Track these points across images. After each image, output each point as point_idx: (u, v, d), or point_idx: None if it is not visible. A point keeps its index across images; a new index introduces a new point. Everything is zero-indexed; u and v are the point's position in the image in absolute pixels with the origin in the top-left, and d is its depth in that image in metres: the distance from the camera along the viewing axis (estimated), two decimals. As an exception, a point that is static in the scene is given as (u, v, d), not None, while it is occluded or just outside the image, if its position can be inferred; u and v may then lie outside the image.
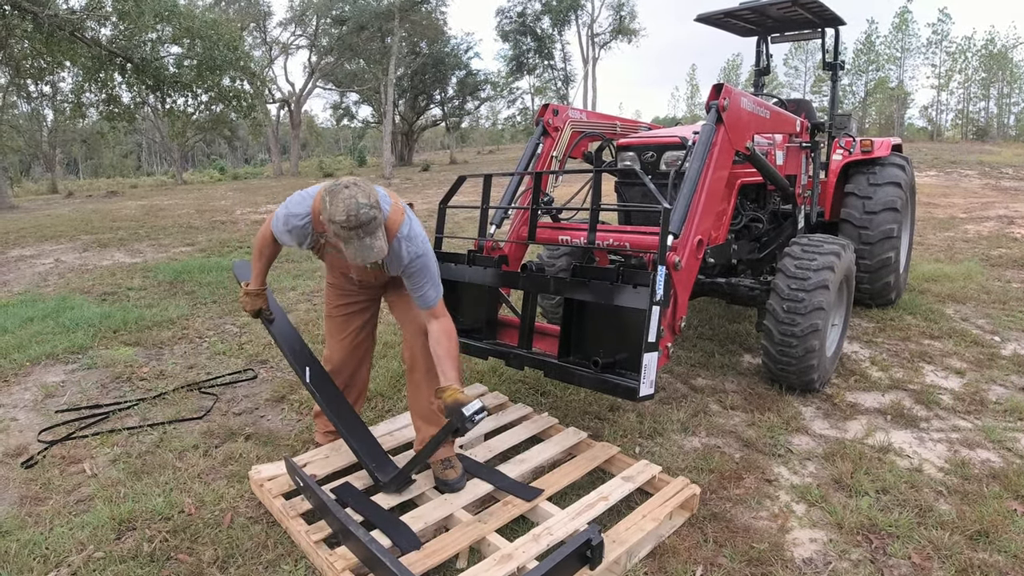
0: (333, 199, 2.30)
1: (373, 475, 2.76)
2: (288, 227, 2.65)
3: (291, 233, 2.66)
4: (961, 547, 2.46)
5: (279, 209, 2.71)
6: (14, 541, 2.57)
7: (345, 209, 2.27)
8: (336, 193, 2.31)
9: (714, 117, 3.20)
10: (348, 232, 2.30)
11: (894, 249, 5.15)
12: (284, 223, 2.66)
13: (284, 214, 2.66)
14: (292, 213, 2.64)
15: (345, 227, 2.28)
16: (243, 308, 3.13)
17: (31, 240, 11.14)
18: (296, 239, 2.69)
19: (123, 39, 14.22)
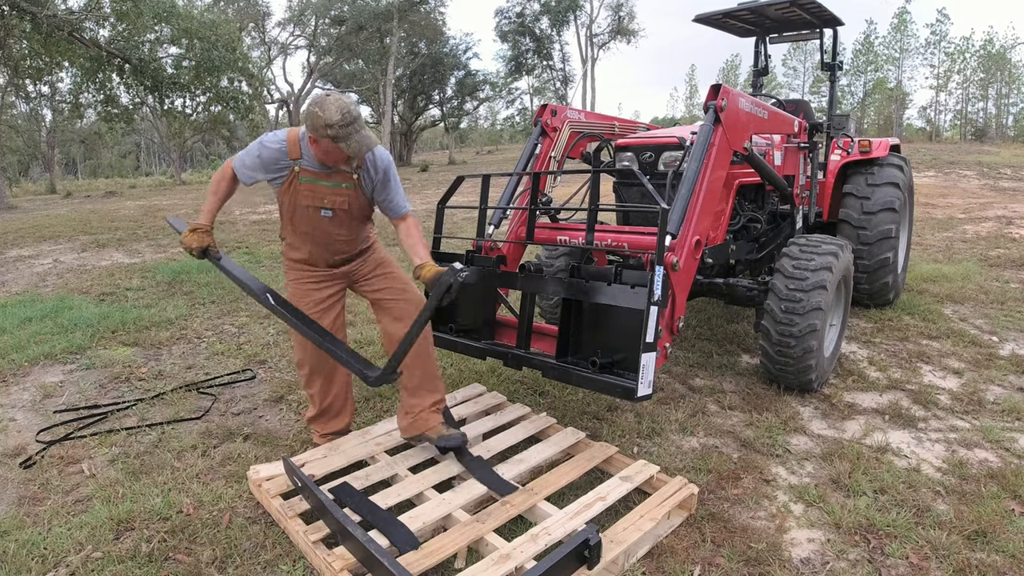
0: (323, 106, 2.57)
1: (362, 373, 2.86)
2: (259, 153, 2.80)
3: (261, 160, 2.80)
4: (959, 547, 2.46)
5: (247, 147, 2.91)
6: (12, 541, 2.57)
7: (339, 109, 2.55)
8: (323, 101, 2.59)
9: (712, 117, 3.20)
10: (346, 129, 2.56)
11: (892, 249, 5.16)
12: (256, 150, 2.81)
13: (255, 144, 2.84)
14: (265, 141, 2.81)
15: (342, 124, 2.55)
16: (188, 247, 2.95)
17: (29, 240, 11.13)
18: (265, 168, 2.82)
19: (121, 40, 14.22)
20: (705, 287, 4.32)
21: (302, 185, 2.84)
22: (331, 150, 2.67)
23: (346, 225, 3.00)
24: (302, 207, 2.89)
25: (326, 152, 2.71)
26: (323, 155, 2.74)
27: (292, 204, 2.91)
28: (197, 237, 2.95)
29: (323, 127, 2.56)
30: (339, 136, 2.57)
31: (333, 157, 2.73)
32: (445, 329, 3.58)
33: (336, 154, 2.70)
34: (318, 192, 2.86)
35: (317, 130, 2.59)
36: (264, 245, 9.83)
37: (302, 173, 2.81)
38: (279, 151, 2.79)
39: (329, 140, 2.60)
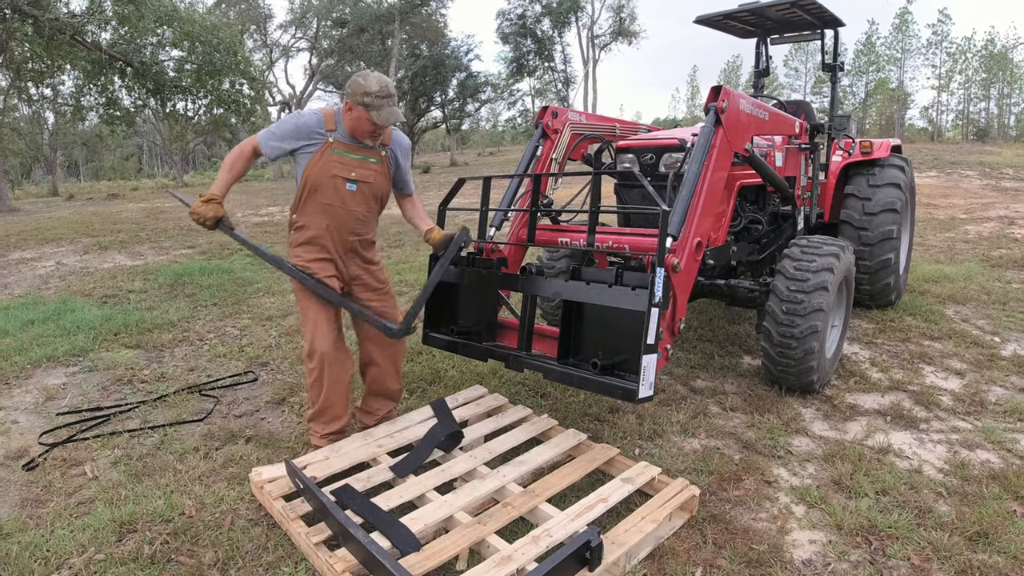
0: (365, 76, 2.89)
1: (383, 327, 3.11)
2: (297, 122, 2.96)
3: (298, 127, 2.95)
4: (960, 548, 2.46)
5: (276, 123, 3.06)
6: (15, 543, 2.57)
7: (378, 81, 2.87)
8: (366, 73, 2.91)
9: (713, 119, 3.20)
10: (381, 100, 2.86)
11: (894, 250, 5.15)
12: (293, 120, 2.98)
13: (290, 117, 3.01)
14: (302, 112, 3.00)
15: (379, 95, 2.85)
16: (202, 217, 2.99)
17: (32, 243, 11.16)
18: (299, 136, 2.97)
19: (123, 43, 14.25)
20: (706, 288, 4.32)
21: (333, 156, 2.98)
22: (361, 119, 2.91)
23: (365, 203, 3.15)
24: (329, 177, 3.00)
25: (357, 120, 2.93)
26: (354, 123, 2.95)
27: (320, 175, 2.99)
28: (212, 207, 2.98)
29: (361, 94, 2.84)
30: (372, 105, 2.85)
31: (361, 128, 2.95)
32: (446, 330, 3.58)
33: (364, 124, 2.93)
34: (347, 164, 3.02)
35: (355, 96, 2.86)
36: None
37: (335, 144, 2.98)
38: (317, 120, 2.98)
39: (363, 108, 2.87)
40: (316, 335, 3.09)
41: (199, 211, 2.97)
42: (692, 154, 3.17)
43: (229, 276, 7.66)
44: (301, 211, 3.10)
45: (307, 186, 3.02)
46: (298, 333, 5.36)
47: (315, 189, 3.02)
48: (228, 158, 3.05)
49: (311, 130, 2.97)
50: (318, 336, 3.09)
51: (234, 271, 7.94)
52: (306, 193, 3.04)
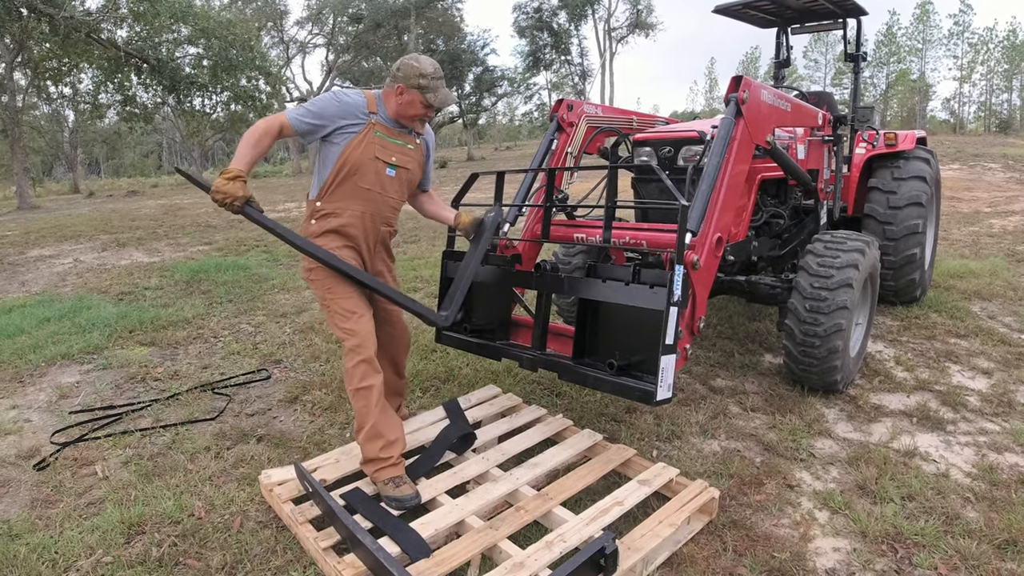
0: (418, 60, 2.83)
1: (426, 317, 2.98)
2: (339, 100, 2.81)
3: (341, 105, 2.80)
4: (989, 557, 2.36)
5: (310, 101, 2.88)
6: (23, 544, 2.55)
7: (431, 63, 2.84)
8: (416, 56, 2.88)
9: (733, 110, 3.11)
10: (436, 81, 2.82)
11: (919, 245, 5.02)
12: (334, 98, 2.82)
13: (328, 95, 2.85)
14: (341, 92, 2.86)
15: (434, 76, 2.81)
16: (229, 196, 2.56)
17: (51, 240, 11.25)
18: (343, 115, 2.80)
19: (139, 40, 14.32)
20: (726, 285, 4.22)
21: (376, 138, 2.85)
22: (415, 103, 2.84)
23: (400, 191, 3.01)
24: (371, 160, 2.84)
25: (409, 104, 2.84)
26: (405, 107, 2.85)
27: (362, 157, 2.81)
28: (239, 186, 2.58)
29: (417, 76, 2.78)
30: (428, 87, 2.80)
31: (412, 110, 2.86)
32: (460, 329, 3.52)
33: (416, 107, 2.85)
34: (388, 148, 2.89)
35: (409, 79, 2.78)
36: (282, 244, 9.76)
37: (377, 127, 2.86)
38: (360, 101, 2.86)
39: (417, 91, 2.80)
40: (360, 323, 2.79)
41: (225, 190, 2.56)
42: (712, 147, 3.07)
43: (245, 273, 7.65)
44: (330, 197, 2.84)
45: (344, 169, 2.79)
46: (312, 330, 5.33)
47: (354, 172, 2.81)
48: (252, 133, 2.69)
49: (357, 109, 2.82)
50: (363, 324, 2.80)
51: (250, 268, 7.94)
52: (341, 177, 2.81)
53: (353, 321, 2.78)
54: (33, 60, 16.10)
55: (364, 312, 2.83)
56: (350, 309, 2.79)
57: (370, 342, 2.79)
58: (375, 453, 2.71)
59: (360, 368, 2.74)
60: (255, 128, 2.70)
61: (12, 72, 19.39)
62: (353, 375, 2.76)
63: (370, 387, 2.74)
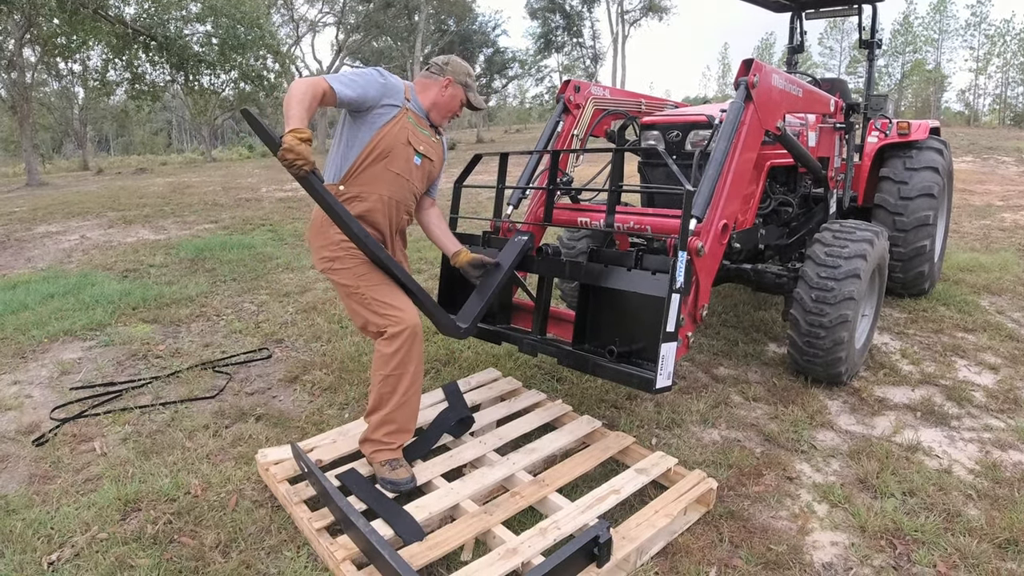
0: (463, 61, 2.96)
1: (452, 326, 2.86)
2: (384, 79, 2.73)
3: (386, 83, 2.72)
4: (989, 556, 2.33)
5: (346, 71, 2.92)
6: (19, 520, 2.55)
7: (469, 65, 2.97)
8: (455, 58, 2.97)
9: (743, 94, 3.04)
10: (476, 82, 2.98)
11: (929, 237, 4.94)
12: (378, 75, 2.74)
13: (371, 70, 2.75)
14: (385, 72, 2.80)
15: (476, 79, 2.97)
16: (296, 159, 2.31)
17: (58, 216, 11.26)
18: (385, 94, 2.71)
19: (147, 17, 14.25)
20: (732, 273, 4.18)
21: (409, 124, 2.80)
22: (456, 98, 2.91)
23: (422, 181, 2.93)
24: (403, 145, 2.74)
25: (452, 97, 2.90)
26: (447, 100, 2.90)
27: (394, 141, 2.71)
28: (309, 149, 2.35)
29: (465, 74, 2.90)
30: (470, 86, 2.93)
31: (452, 104, 2.92)
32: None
33: (455, 103, 2.93)
34: (419, 136, 2.85)
35: (459, 75, 2.88)
36: (288, 223, 9.82)
37: (410, 113, 2.83)
38: (400, 85, 2.81)
39: (462, 88, 2.90)
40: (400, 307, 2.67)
41: (299, 151, 2.30)
42: (720, 131, 3.01)
43: (250, 251, 7.64)
44: (354, 181, 2.71)
45: (375, 152, 2.69)
46: (314, 310, 5.32)
47: (386, 155, 2.70)
48: (299, 91, 2.43)
49: (398, 92, 2.74)
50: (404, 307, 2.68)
51: (255, 247, 7.93)
52: (370, 160, 2.69)
53: (396, 307, 2.65)
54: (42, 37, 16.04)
55: (404, 296, 2.72)
56: (390, 294, 2.68)
57: (418, 326, 2.67)
58: (380, 436, 2.68)
59: (400, 355, 2.62)
60: (299, 88, 2.44)
61: (21, 49, 19.36)
62: (390, 361, 2.62)
63: (402, 375, 2.64)
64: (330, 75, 2.62)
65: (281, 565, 2.31)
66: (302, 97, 2.42)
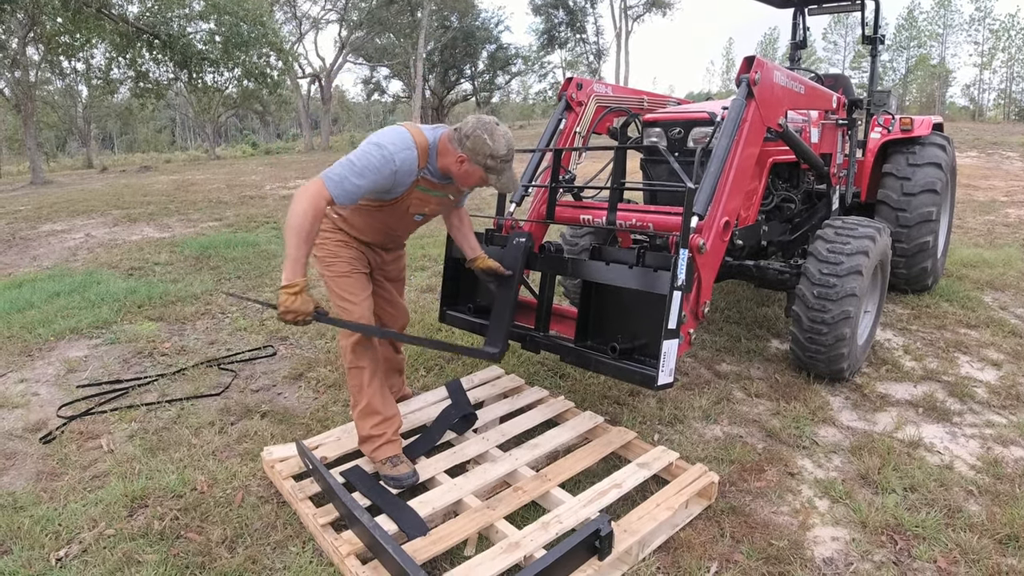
0: (493, 135, 2.46)
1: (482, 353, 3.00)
2: (396, 167, 2.44)
3: (398, 173, 2.46)
4: (989, 551, 2.34)
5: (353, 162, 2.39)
6: (27, 516, 2.58)
7: (506, 144, 2.50)
8: (493, 130, 2.47)
9: (745, 91, 3.05)
10: (505, 164, 2.52)
11: (932, 233, 4.94)
12: (387, 165, 2.41)
13: (378, 157, 2.40)
14: (393, 151, 2.42)
15: (504, 159, 2.50)
16: (299, 315, 2.33)
17: (63, 215, 11.31)
18: (398, 181, 2.51)
19: (150, 15, 14.27)
20: (735, 269, 4.18)
21: (416, 193, 2.64)
22: (475, 176, 2.55)
23: (422, 224, 2.93)
24: (403, 212, 2.70)
25: (468, 174, 2.55)
26: (461, 175, 2.57)
27: (395, 210, 2.68)
28: (303, 300, 2.33)
29: (487, 156, 2.47)
30: (496, 169, 2.51)
31: (470, 180, 2.60)
32: (464, 309, 3.51)
33: (473, 180, 2.58)
34: (426, 200, 2.71)
35: (477, 155, 2.47)
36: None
37: (421, 182, 2.61)
38: (413, 161, 2.51)
39: (482, 168, 2.50)
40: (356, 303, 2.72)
41: (294, 308, 2.31)
42: (722, 129, 3.02)
43: (254, 249, 7.67)
44: (356, 220, 2.75)
45: (375, 213, 2.70)
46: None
47: (384, 216, 2.71)
48: (298, 222, 2.29)
49: (409, 175, 2.53)
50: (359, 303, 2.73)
51: (259, 244, 7.96)
52: (367, 212, 2.70)
53: (349, 300, 2.72)
54: (45, 35, 16.08)
55: (362, 292, 2.77)
56: (349, 288, 2.74)
57: (366, 319, 2.75)
58: (368, 430, 2.73)
59: (355, 347, 2.73)
60: (300, 214, 2.30)
61: (25, 47, 19.42)
62: (347, 354, 2.75)
63: (363, 367, 2.74)
64: (335, 172, 2.39)
65: (287, 560, 2.34)
66: (301, 230, 2.30)
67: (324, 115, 39.09)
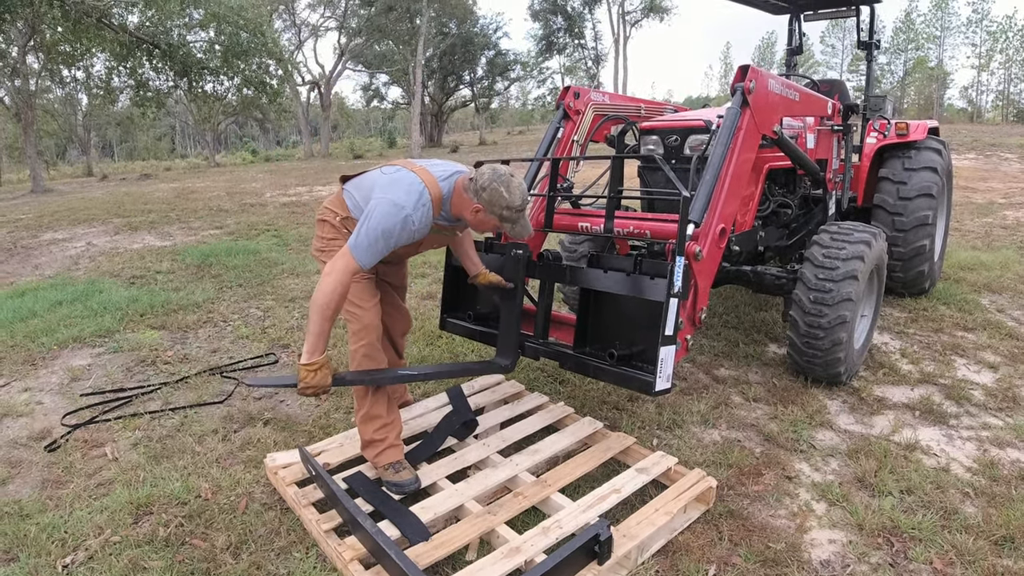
0: (509, 187, 2.55)
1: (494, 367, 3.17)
2: (416, 226, 2.54)
3: (415, 231, 2.56)
4: (985, 553, 2.37)
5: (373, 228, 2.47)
6: (34, 524, 2.61)
7: (521, 195, 2.59)
8: (508, 182, 2.56)
9: (740, 100, 3.09)
10: (519, 213, 2.61)
11: (928, 236, 4.98)
12: (407, 224, 2.50)
13: (398, 219, 2.48)
14: (408, 211, 2.50)
15: (519, 209, 2.60)
16: (319, 389, 2.51)
17: (64, 223, 11.36)
18: (415, 238, 2.62)
19: (150, 25, 14.36)
20: (732, 275, 4.22)
21: (429, 235, 2.75)
22: (488, 223, 2.66)
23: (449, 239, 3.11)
24: (413, 248, 2.86)
25: (482, 223, 2.67)
26: (477, 223, 2.68)
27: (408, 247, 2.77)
28: (322, 375, 2.50)
29: (503, 207, 2.56)
30: (510, 219, 2.61)
31: (484, 227, 2.73)
32: (464, 316, 3.55)
33: (487, 226, 2.71)
34: (436, 239, 2.91)
35: (494, 207, 2.56)
36: (292, 228, 9.89)
37: (434, 227, 2.72)
38: (427, 218, 2.60)
39: (497, 219, 2.60)
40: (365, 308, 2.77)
41: (314, 384, 2.49)
42: (717, 136, 3.06)
43: (255, 257, 7.71)
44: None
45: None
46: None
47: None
48: (325, 300, 2.43)
49: (424, 231, 2.63)
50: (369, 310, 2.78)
51: (260, 252, 8.00)
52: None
53: (360, 307, 2.76)
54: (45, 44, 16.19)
55: (371, 299, 2.80)
56: (358, 294, 2.76)
57: (374, 328, 2.79)
58: (371, 435, 2.76)
59: (361, 351, 2.78)
60: (329, 293, 2.42)
61: (25, 56, 19.50)
62: (356, 358, 2.78)
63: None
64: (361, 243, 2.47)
65: (291, 566, 2.37)
66: (327, 305, 2.43)
67: (324, 122, 39.19)
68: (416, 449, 2.95)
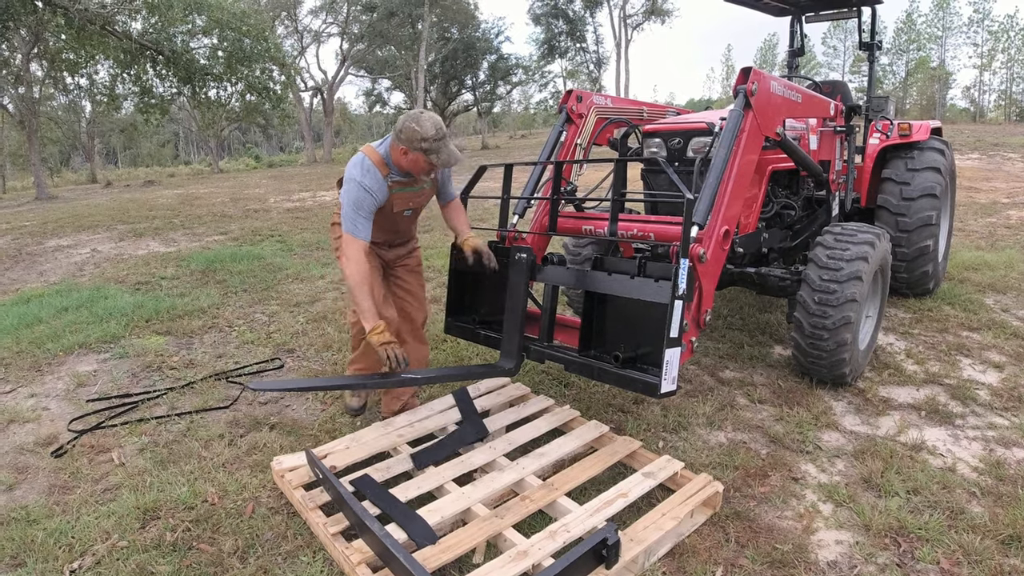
0: (419, 121, 2.85)
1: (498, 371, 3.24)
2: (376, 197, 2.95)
3: (376, 199, 2.96)
4: (992, 552, 2.36)
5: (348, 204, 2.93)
6: (41, 530, 2.62)
7: (433, 124, 2.86)
8: (418, 117, 2.87)
9: (742, 102, 3.09)
10: (439, 142, 2.87)
11: (932, 237, 4.97)
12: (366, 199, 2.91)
13: (358, 193, 2.91)
14: (363, 182, 2.92)
15: (436, 139, 2.85)
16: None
17: (69, 230, 11.40)
18: (379, 198, 2.98)
19: (154, 32, 14.44)
20: (736, 277, 4.22)
21: (395, 195, 3.07)
22: (420, 161, 2.92)
23: (414, 218, 3.40)
24: (389, 212, 3.12)
25: (414, 163, 2.94)
26: (410, 165, 2.97)
27: (384, 212, 3.09)
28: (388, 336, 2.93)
29: (419, 140, 2.85)
30: (431, 149, 2.87)
31: (419, 168, 2.97)
32: (468, 319, 3.55)
33: (423, 166, 2.95)
34: (406, 198, 3.15)
35: (412, 143, 2.86)
36: (296, 233, 9.92)
37: (393, 186, 3.04)
38: (380, 179, 2.98)
39: (421, 153, 2.88)
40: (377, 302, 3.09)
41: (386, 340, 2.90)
42: (720, 139, 3.06)
43: (260, 262, 7.73)
44: None
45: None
46: (324, 320, 5.39)
47: (378, 216, 3.07)
48: (353, 274, 2.90)
49: (382, 190, 2.99)
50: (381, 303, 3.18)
51: (265, 257, 8.02)
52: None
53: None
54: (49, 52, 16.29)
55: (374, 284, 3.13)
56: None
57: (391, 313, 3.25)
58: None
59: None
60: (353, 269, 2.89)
61: (29, 63, 19.61)
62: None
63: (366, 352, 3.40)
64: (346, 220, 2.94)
65: (298, 569, 2.37)
66: (357, 277, 2.89)
67: (326, 127, 39.29)
68: (424, 452, 2.96)
